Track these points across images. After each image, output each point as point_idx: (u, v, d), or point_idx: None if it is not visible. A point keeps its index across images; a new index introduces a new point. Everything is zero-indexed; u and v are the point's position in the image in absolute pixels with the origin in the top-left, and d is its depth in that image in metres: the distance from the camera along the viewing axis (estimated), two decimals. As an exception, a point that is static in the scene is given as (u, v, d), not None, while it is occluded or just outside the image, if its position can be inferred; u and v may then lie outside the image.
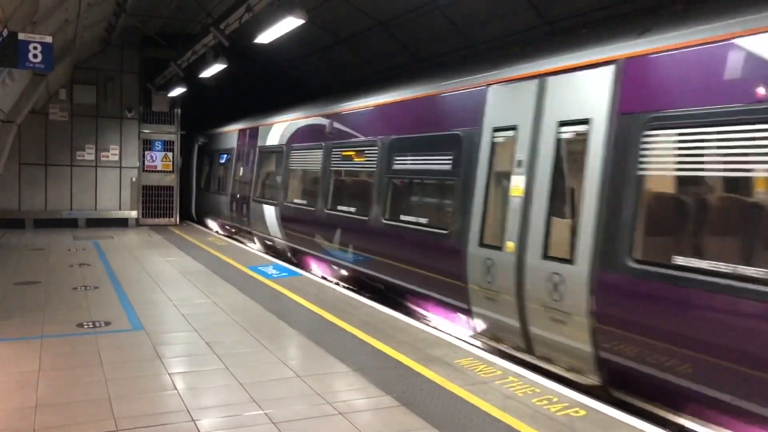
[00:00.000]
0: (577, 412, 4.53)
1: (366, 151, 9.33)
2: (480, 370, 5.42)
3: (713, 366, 4.33)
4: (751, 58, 4.26)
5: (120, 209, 17.22)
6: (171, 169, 17.84)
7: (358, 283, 9.44)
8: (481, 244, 6.59)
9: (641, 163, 4.92)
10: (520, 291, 5.98)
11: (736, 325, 4.22)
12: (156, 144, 17.66)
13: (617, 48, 5.38)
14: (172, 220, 17.96)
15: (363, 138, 9.41)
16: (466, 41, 10.70)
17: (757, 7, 4.31)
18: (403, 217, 8.17)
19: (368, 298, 8.38)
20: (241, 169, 15.22)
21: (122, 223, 17.15)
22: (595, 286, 5.16)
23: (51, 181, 16.42)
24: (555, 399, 4.78)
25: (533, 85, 6.16)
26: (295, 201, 11.71)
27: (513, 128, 6.33)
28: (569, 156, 5.76)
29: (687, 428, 4.59)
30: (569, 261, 5.42)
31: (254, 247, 14.18)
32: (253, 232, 14.25)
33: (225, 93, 18.44)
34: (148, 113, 17.56)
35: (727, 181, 4.56)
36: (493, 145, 6.65)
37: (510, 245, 6.12)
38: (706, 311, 4.38)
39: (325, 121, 10.63)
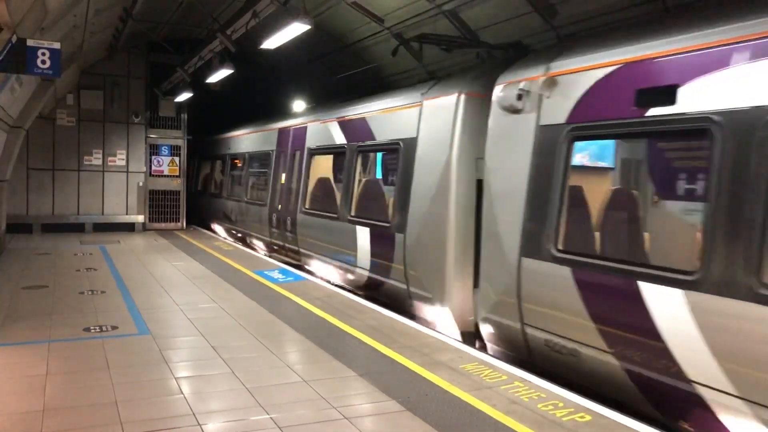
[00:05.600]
0: (582, 417, 4.52)
1: None
2: (485, 375, 5.42)
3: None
4: None
5: (127, 214, 17.29)
6: (178, 174, 17.92)
7: None
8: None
9: None
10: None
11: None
12: (163, 149, 17.73)
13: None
14: (179, 224, 18.02)
15: None
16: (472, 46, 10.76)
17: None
18: None
19: None
20: None
21: (129, 227, 17.22)
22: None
23: (58, 185, 16.50)
24: (560, 404, 4.77)
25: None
26: None
27: None
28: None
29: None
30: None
31: None
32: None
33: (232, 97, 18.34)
34: (155, 118, 17.64)
35: None
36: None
37: None
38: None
39: None
